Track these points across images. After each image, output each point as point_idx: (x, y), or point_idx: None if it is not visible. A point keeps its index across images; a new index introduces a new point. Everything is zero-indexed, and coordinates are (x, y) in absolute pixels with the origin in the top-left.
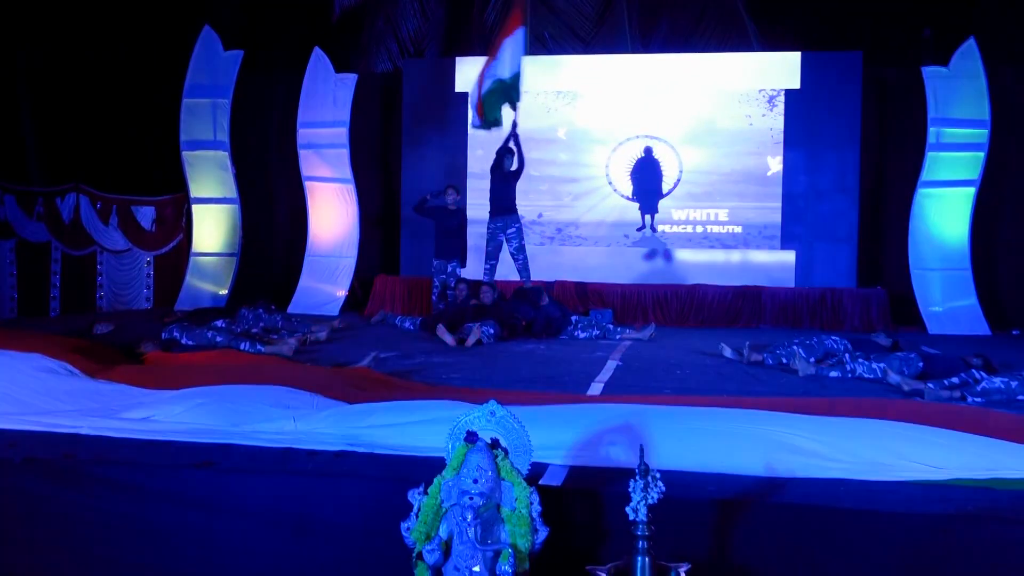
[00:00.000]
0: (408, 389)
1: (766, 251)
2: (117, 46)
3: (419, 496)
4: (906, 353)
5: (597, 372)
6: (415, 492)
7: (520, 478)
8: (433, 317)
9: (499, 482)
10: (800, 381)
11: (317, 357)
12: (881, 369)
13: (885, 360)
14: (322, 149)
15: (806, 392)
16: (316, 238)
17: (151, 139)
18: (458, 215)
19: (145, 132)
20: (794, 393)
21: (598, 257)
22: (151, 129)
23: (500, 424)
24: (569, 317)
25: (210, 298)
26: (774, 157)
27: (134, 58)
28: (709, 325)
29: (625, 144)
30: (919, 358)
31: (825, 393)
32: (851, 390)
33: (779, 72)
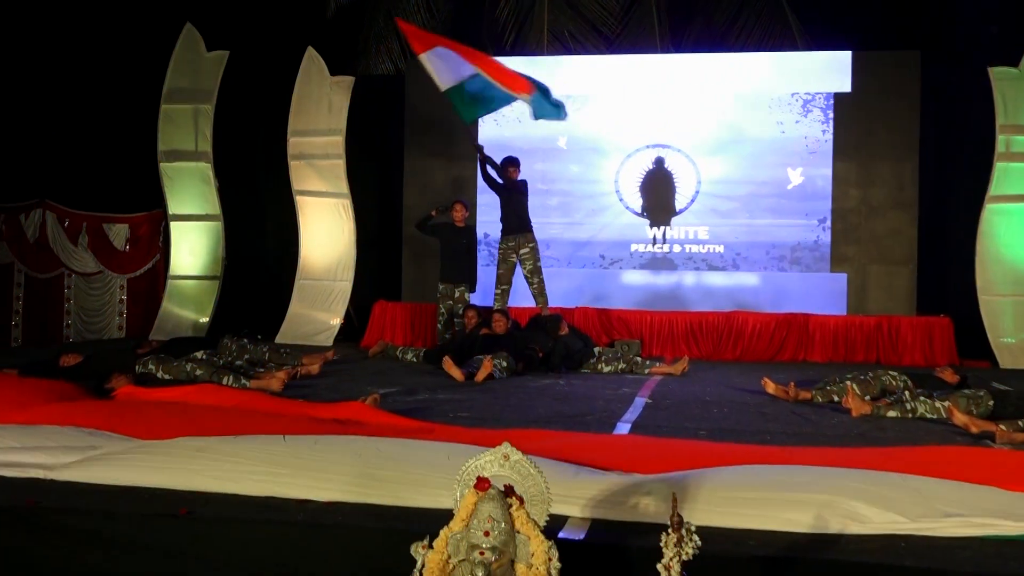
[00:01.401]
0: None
1: (813, 274)
2: (87, 46)
3: (423, 551)
4: (974, 390)
5: (623, 411)
6: (419, 546)
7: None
8: (439, 348)
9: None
10: (854, 422)
11: (308, 393)
12: (946, 408)
13: (950, 398)
14: (315, 160)
15: (861, 434)
16: (308, 259)
17: (125, 149)
18: (466, 234)
19: (119, 142)
20: (847, 435)
21: (622, 281)
22: (125, 138)
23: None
24: (591, 348)
25: (190, 326)
26: (795, 169)
27: (107, 60)
28: (749, 358)
29: (636, 155)
30: (989, 396)
31: (882, 435)
32: (912, 432)
33: (827, 74)
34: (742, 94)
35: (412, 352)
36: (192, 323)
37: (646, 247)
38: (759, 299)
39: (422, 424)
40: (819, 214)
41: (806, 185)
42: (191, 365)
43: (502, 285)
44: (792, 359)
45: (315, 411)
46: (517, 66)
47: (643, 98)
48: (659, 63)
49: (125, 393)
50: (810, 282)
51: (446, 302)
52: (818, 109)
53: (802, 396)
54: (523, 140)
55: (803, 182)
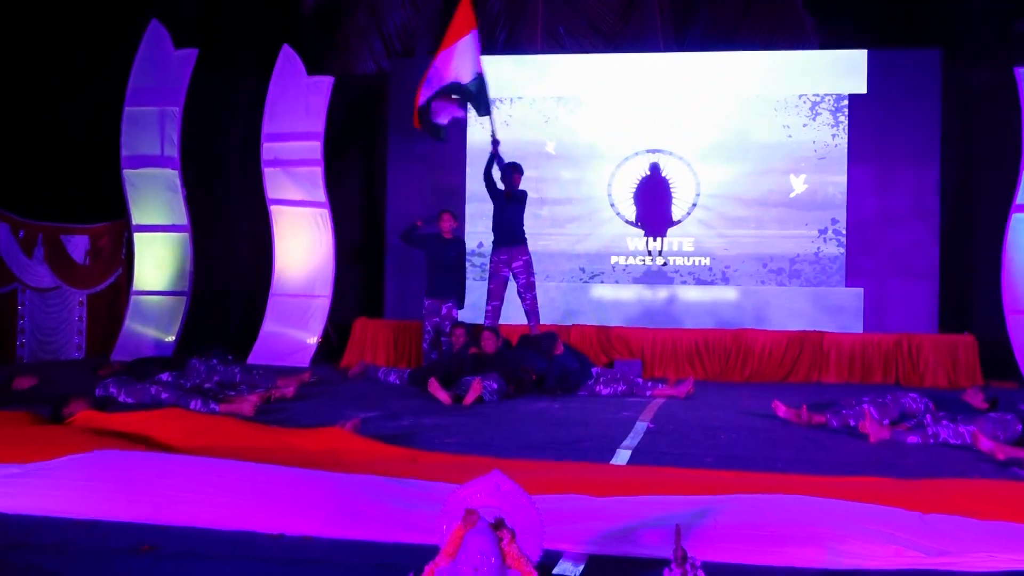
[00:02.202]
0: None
1: (827, 289)
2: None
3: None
4: (1001, 414)
5: (623, 436)
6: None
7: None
8: (424, 369)
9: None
10: (871, 448)
11: (283, 418)
12: (970, 433)
13: (975, 422)
14: (291, 167)
15: (879, 462)
16: (283, 274)
17: (85, 154)
18: (455, 246)
19: (78, 146)
20: (864, 462)
21: (615, 296)
22: (85, 142)
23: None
24: (589, 369)
25: (154, 346)
26: (798, 176)
27: (66, 57)
28: (759, 379)
29: (630, 161)
30: (1017, 419)
31: (902, 462)
32: (934, 458)
33: (840, 74)
34: (745, 96)
35: (395, 373)
36: (157, 342)
37: (640, 259)
38: (768, 316)
39: (406, 451)
40: (828, 224)
41: (816, 192)
42: (156, 388)
43: (493, 301)
44: (805, 380)
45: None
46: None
47: (638, 100)
48: (657, 63)
49: (84, 419)
50: (824, 297)
51: (432, 319)
52: (827, 112)
53: (815, 420)
54: (510, 144)
55: (809, 190)
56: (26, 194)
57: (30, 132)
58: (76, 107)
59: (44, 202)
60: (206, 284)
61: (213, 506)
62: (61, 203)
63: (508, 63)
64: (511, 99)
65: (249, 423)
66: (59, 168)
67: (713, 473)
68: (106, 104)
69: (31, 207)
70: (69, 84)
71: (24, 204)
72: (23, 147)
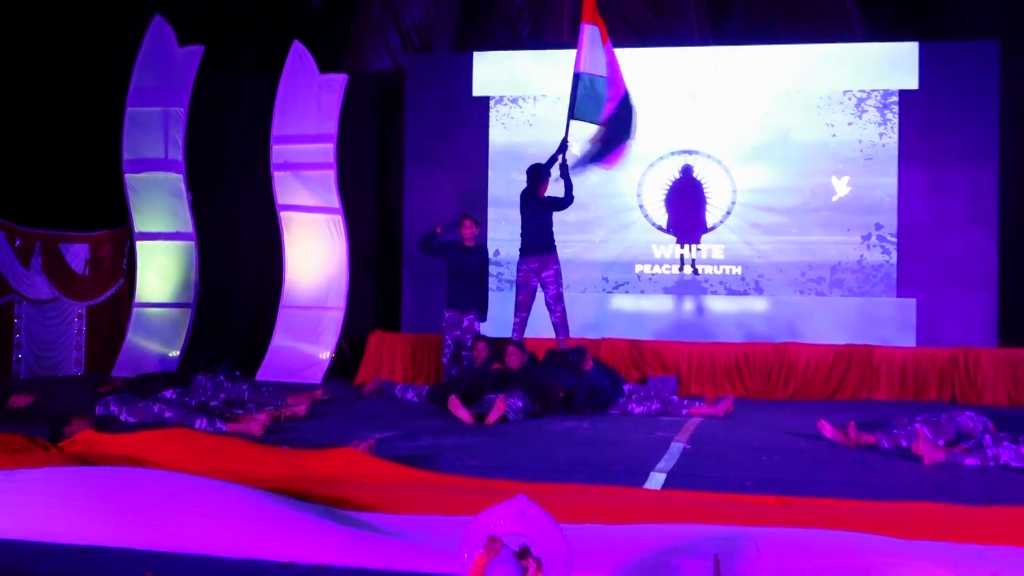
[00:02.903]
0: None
1: (876, 298)
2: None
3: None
4: None
5: (657, 458)
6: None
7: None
8: (444, 386)
9: None
10: (926, 471)
11: (294, 438)
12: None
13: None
14: (302, 170)
15: (934, 486)
16: (294, 284)
17: (85, 158)
18: (477, 254)
19: (77, 149)
20: (918, 487)
21: (646, 307)
22: (85, 145)
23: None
24: (620, 386)
25: (157, 361)
26: (841, 178)
27: (64, 55)
28: (803, 396)
29: (661, 162)
30: None
31: (959, 486)
32: (994, 483)
33: (888, 68)
34: (786, 92)
35: (413, 390)
36: (160, 357)
37: (667, 268)
38: (809, 328)
39: (424, 474)
40: (872, 230)
41: (862, 195)
42: (159, 406)
43: (520, 312)
44: (853, 398)
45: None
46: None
47: (670, 97)
48: (691, 57)
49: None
50: (871, 308)
51: (452, 332)
52: (874, 109)
53: (864, 440)
54: (534, 146)
55: (853, 193)
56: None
57: (27, 135)
58: (75, 108)
59: (42, 209)
60: (212, 295)
61: (220, 532)
62: (60, 209)
63: (531, 59)
64: (534, 97)
65: (258, 444)
66: (57, 173)
67: (754, 498)
68: (107, 104)
69: (28, 214)
70: (68, 83)
71: (21, 211)
72: (19, 151)
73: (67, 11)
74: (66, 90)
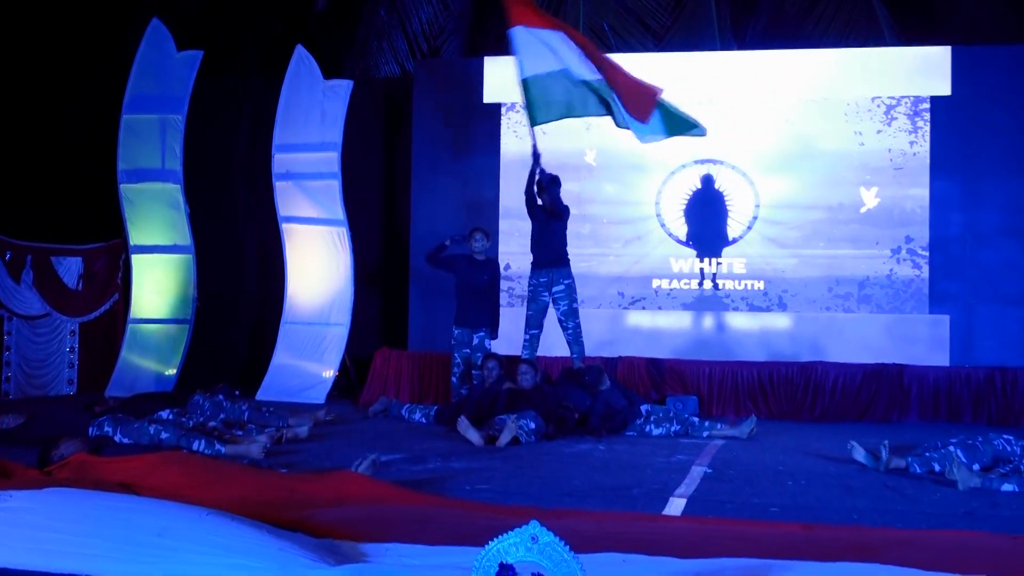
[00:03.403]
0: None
1: (906, 315)
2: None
3: None
4: None
5: (677, 483)
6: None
7: None
8: (453, 406)
9: None
10: (961, 497)
11: (296, 461)
12: None
13: None
14: (306, 180)
15: (969, 513)
16: (296, 299)
17: (79, 168)
18: (487, 268)
19: (71, 158)
20: (952, 514)
21: (664, 323)
22: (79, 154)
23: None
24: (638, 407)
25: (154, 380)
26: (870, 189)
27: (58, 61)
28: (831, 418)
29: (681, 172)
30: None
31: (995, 513)
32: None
33: (919, 74)
34: (812, 99)
35: (420, 411)
36: (157, 376)
37: (685, 283)
38: (835, 346)
39: (431, 499)
40: (902, 243)
41: (892, 207)
42: (155, 427)
43: (531, 329)
44: (883, 420)
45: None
46: None
47: (691, 104)
48: (712, 62)
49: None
50: (901, 325)
51: (462, 350)
52: (905, 116)
53: (895, 465)
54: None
55: (883, 204)
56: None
57: (18, 143)
58: (69, 115)
59: (33, 220)
60: (211, 311)
61: (213, 567)
62: (52, 221)
63: None
64: None
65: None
66: (50, 183)
67: (779, 526)
68: (102, 111)
69: (19, 226)
70: (62, 90)
71: (11, 223)
72: (10, 160)
73: (61, 16)
74: (59, 96)
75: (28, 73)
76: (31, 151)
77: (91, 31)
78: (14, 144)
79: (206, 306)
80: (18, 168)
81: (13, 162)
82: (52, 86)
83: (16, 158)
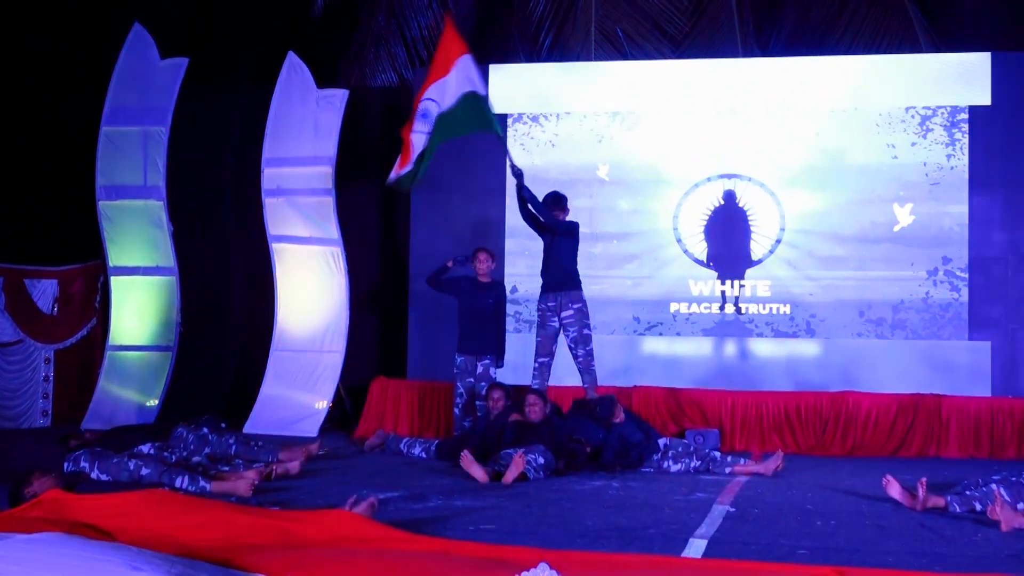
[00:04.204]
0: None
1: (944, 342)
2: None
3: None
4: None
5: (697, 523)
6: None
7: None
8: (456, 440)
9: None
10: (1004, 539)
11: (287, 498)
12: None
13: None
14: (297, 196)
15: (1014, 556)
16: (287, 324)
17: (55, 184)
18: (493, 291)
19: (46, 174)
20: (995, 556)
21: (683, 350)
22: (55, 170)
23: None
24: (655, 441)
25: (134, 411)
26: (904, 205)
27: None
28: (863, 453)
29: (701, 188)
30: None
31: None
32: None
33: (957, 82)
34: (841, 109)
35: (420, 445)
36: (137, 407)
37: (705, 307)
38: (872, 375)
39: (433, 541)
40: (939, 264)
41: (928, 225)
42: (135, 462)
43: (541, 357)
44: (920, 454)
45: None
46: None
47: (711, 115)
48: (734, 70)
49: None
50: (938, 353)
51: (465, 380)
52: (941, 127)
53: (933, 503)
54: (558, 169)
55: (918, 222)
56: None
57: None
58: (44, 127)
59: (5, 240)
60: (196, 337)
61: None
62: (25, 241)
63: (553, 72)
64: (556, 115)
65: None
66: (23, 199)
67: (808, 569)
68: (80, 123)
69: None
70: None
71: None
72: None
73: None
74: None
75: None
76: (2, 166)
77: (68, 38)
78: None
79: (190, 332)
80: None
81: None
82: (26, 96)
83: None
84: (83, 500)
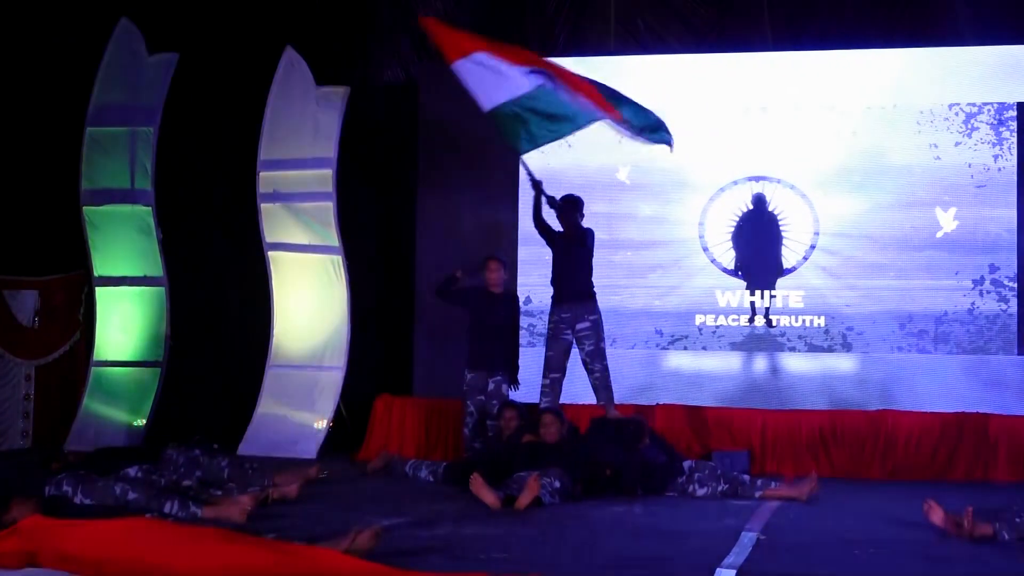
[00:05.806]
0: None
1: (991, 356)
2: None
3: None
4: None
5: (725, 551)
6: None
7: None
8: (465, 462)
9: None
10: None
11: (283, 525)
12: None
13: None
14: (295, 201)
15: None
16: (284, 338)
17: (35, 188)
18: (505, 303)
19: (26, 178)
20: None
21: (709, 366)
22: (35, 173)
23: None
24: (680, 463)
25: (121, 431)
26: (947, 209)
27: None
28: (904, 476)
29: (728, 191)
30: None
31: None
32: None
33: (1005, 77)
34: (879, 106)
35: (427, 468)
36: (125, 427)
37: (733, 319)
38: (914, 392)
39: None
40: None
41: (973, 230)
42: (122, 486)
43: (552, 373)
44: (966, 478)
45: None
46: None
47: (739, 113)
48: (763, 65)
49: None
50: (985, 368)
51: (476, 397)
52: (987, 126)
53: (981, 532)
54: (575, 172)
55: (963, 227)
56: None
57: None
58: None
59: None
60: (186, 352)
61: None
62: (3, 249)
63: (569, 67)
64: None
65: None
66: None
67: None
68: (63, 123)
69: None
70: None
71: None
72: None
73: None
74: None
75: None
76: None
77: (49, 32)
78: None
79: (181, 346)
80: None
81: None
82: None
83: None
84: (66, 527)
